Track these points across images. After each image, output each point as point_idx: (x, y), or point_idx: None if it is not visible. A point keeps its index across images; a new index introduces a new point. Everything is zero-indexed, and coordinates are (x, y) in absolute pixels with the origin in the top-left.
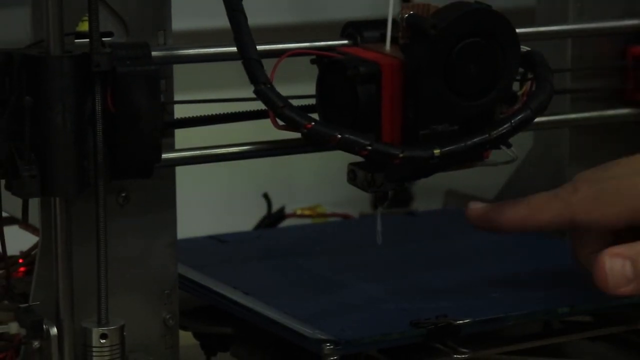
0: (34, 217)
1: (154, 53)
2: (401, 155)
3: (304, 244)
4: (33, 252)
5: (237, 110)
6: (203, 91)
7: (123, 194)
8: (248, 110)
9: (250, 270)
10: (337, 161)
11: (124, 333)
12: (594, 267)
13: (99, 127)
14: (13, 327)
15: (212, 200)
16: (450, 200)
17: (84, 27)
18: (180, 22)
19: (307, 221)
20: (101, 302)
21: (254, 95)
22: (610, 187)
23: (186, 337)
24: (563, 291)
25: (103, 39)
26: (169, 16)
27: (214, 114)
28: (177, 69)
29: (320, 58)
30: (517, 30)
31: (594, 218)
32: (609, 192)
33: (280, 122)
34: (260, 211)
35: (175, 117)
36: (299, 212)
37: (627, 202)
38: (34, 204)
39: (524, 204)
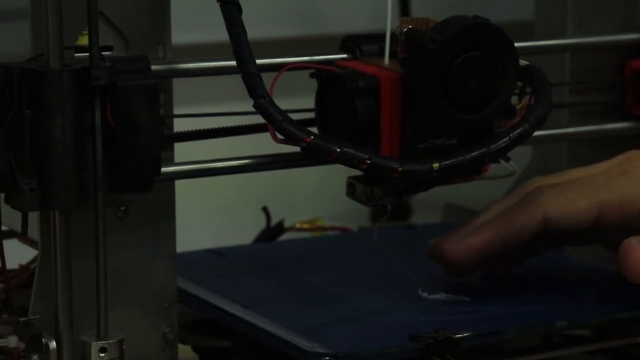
0: (33, 230)
1: (153, 67)
2: (400, 169)
3: (303, 258)
4: (32, 266)
5: (236, 124)
6: (202, 105)
7: (122, 208)
8: (247, 124)
9: (249, 283)
10: (336, 175)
11: (123, 347)
12: (631, 257)
13: (99, 140)
14: (12, 341)
15: (211, 214)
16: (449, 213)
17: (84, 40)
18: (179, 35)
19: (306, 235)
20: (100, 315)
21: (253, 109)
22: (573, 184)
23: (185, 351)
24: (562, 305)
25: (103, 52)
26: (169, 30)
27: (213, 127)
28: (177, 82)
29: (320, 72)
30: (516, 44)
31: (566, 213)
32: (573, 188)
33: (280, 136)
34: (260, 224)
35: (174, 131)
36: (298, 225)
37: (594, 194)
38: (34, 217)
39: (493, 219)
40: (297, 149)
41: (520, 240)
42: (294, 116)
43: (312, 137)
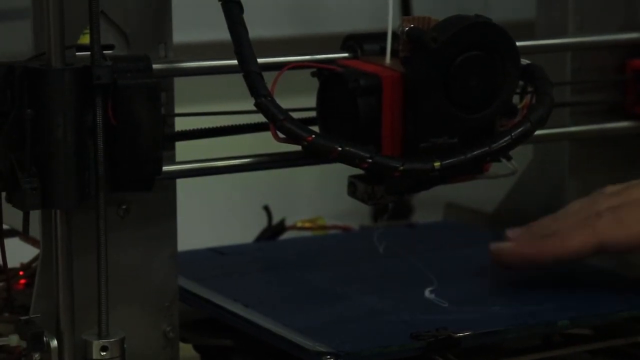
0: (35, 229)
1: (154, 66)
2: (401, 168)
3: (305, 256)
4: (34, 265)
5: (237, 123)
6: (204, 104)
7: (124, 206)
8: (248, 123)
9: (250, 282)
10: (338, 173)
11: (125, 345)
12: None
13: (100, 139)
14: (13, 340)
15: (212, 213)
16: (450, 212)
17: (85, 39)
18: (181, 34)
19: (308, 233)
20: (102, 314)
21: (254, 108)
22: (632, 210)
23: (186, 350)
24: (563, 304)
25: (104, 51)
26: (170, 29)
27: (214, 126)
28: (178, 81)
29: (321, 71)
30: (517, 44)
31: (621, 239)
32: (631, 214)
33: (281, 135)
34: (261, 223)
35: (176, 130)
36: (299, 224)
37: None
38: (35, 216)
39: (554, 235)
40: (298, 148)
41: (572, 259)
42: (295, 115)
43: (314, 136)
